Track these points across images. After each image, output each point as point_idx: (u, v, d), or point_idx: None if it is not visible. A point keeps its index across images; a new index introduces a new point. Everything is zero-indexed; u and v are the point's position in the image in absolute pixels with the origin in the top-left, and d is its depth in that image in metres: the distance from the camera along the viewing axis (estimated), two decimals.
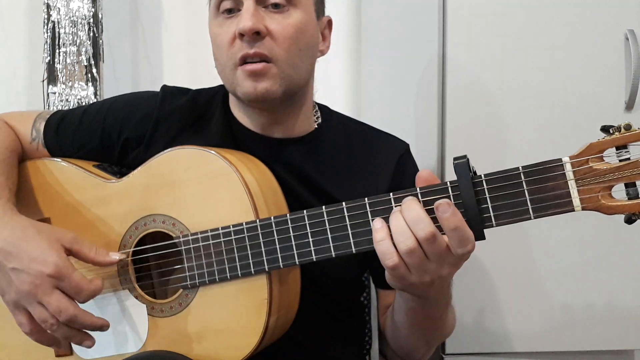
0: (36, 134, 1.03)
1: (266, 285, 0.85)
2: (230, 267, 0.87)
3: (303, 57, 0.94)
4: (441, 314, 0.90)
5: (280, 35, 0.91)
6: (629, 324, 1.29)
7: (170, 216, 0.91)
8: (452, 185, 0.76)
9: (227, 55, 0.92)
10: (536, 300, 1.28)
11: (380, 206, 0.79)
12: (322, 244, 0.82)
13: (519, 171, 0.73)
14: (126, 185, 0.94)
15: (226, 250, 0.87)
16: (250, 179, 0.88)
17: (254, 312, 0.86)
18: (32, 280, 0.81)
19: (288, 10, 0.92)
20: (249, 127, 1.01)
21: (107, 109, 1.04)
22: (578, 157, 0.72)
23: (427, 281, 0.77)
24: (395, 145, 1.05)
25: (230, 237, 0.86)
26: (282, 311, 0.90)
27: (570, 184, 0.71)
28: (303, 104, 1.01)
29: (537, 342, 1.29)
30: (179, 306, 0.90)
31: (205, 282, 0.88)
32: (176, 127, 1.01)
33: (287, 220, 0.84)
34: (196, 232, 0.88)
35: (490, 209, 0.74)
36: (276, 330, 0.90)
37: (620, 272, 1.28)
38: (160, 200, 0.91)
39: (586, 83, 1.25)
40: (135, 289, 0.93)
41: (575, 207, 0.72)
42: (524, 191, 0.73)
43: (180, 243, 0.89)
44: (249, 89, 0.91)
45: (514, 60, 1.25)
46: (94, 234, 0.95)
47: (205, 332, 0.89)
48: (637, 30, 1.23)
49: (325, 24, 1.02)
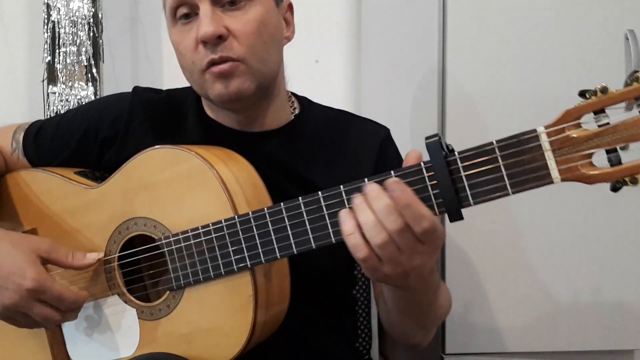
0: (16, 145, 1.03)
1: (250, 282, 0.84)
2: (213, 266, 0.85)
3: (269, 49, 0.92)
4: (430, 299, 0.87)
5: (242, 34, 0.88)
6: (628, 324, 1.27)
7: (150, 218, 0.90)
8: (425, 165, 0.73)
9: (192, 62, 0.91)
10: (536, 300, 1.27)
11: (356, 193, 0.76)
12: (301, 236, 0.80)
13: (493, 145, 0.70)
14: (105, 190, 0.93)
15: (207, 249, 0.85)
16: (227, 174, 0.87)
17: (240, 310, 0.84)
18: (12, 296, 0.82)
19: (245, 6, 0.89)
20: (225, 124, 0.99)
21: (82, 113, 1.04)
22: (554, 126, 0.68)
23: (399, 272, 0.73)
24: (376, 131, 1.02)
25: (210, 236, 0.85)
26: (272, 307, 0.88)
27: (547, 155, 0.68)
28: (276, 95, 0.99)
29: (537, 342, 1.28)
30: (167, 308, 0.89)
31: (190, 282, 0.87)
32: (148, 124, 1.00)
33: (265, 214, 0.82)
34: (177, 232, 0.87)
35: (467, 187, 0.71)
36: (267, 326, 0.88)
37: (620, 271, 1.26)
38: (140, 203, 0.90)
39: (586, 83, 1.22)
40: (123, 293, 0.92)
41: (554, 179, 0.68)
42: (500, 167, 0.70)
43: (163, 245, 0.88)
44: (221, 90, 0.89)
45: (514, 60, 1.24)
46: (78, 242, 0.94)
47: (195, 333, 0.88)
48: (637, 30, 1.20)
49: (286, 8, 0.99)
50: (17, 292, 0.82)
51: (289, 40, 0.99)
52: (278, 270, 0.88)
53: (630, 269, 1.26)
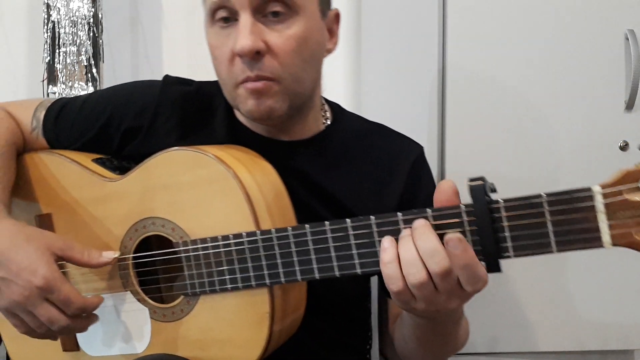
0: (36, 124, 0.99)
1: (268, 300, 0.81)
2: (230, 279, 0.82)
3: (307, 68, 0.86)
4: (451, 330, 0.85)
5: (281, 51, 0.82)
6: (628, 324, 1.28)
7: (169, 220, 0.86)
8: (466, 209, 0.68)
9: (227, 74, 0.86)
10: (536, 300, 1.26)
11: (388, 227, 0.72)
12: (325, 262, 0.76)
13: (542, 199, 0.65)
14: (125, 185, 0.90)
15: (226, 260, 0.82)
16: (250, 183, 0.82)
17: (255, 325, 0.82)
18: (21, 291, 0.79)
19: (289, 19, 0.83)
20: (253, 129, 0.95)
21: (107, 98, 0.99)
22: (611, 187, 0.63)
23: (432, 310, 0.71)
24: (409, 148, 0.97)
25: (230, 248, 0.81)
26: (287, 318, 0.86)
27: (600, 217, 0.63)
28: (311, 108, 0.94)
29: (537, 342, 1.28)
30: (180, 312, 0.87)
31: (206, 291, 0.84)
32: (176, 118, 0.96)
33: (288, 235, 0.78)
34: (196, 239, 0.84)
35: (508, 238, 0.67)
36: (281, 337, 0.86)
37: (620, 271, 1.26)
38: (159, 203, 0.87)
39: (586, 83, 1.24)
40: (137, 292, 0.90)
41: (605, 244, 0.63)
42: (547, 222, 0.65)
43: (181, 251, 0.85)
44: (252, 107, 0.85)
45: (514, 60, 1.23)
46: (93, 234, 0.91)
47: (207, 341, 0.86)
48: (637, 30, 1.21)
49: (333, 18, 0.92)
50: (26, 289, 0.79)
51: (329, 52, 0.93)
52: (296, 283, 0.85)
53: (630, 269, 1.26)
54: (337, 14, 0.93)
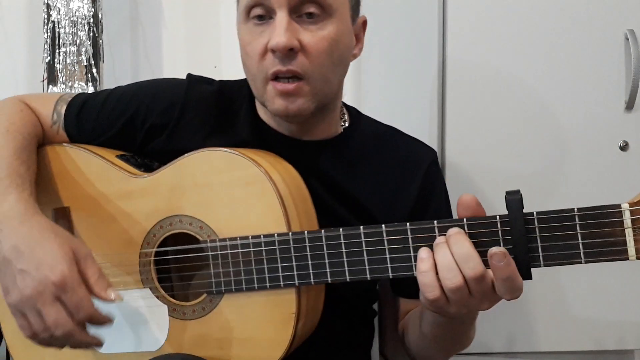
0: (57, 118, 0.98)
1: (295, 299, 0.83)
2: (258, 278, 0.84)
3: (335, 70, 0.90)
4: (466, 328, 0.90)
5: (314, 50, 0.86)
6: (628, 324, 1.29)
7: (197, 219, 0.87)
8: (501, 220, 0.73)
9: (257, 68, 0.88)
10: (536, 301, 1.27)
11: (423, 233, 0.76)
12: (357, 265, 0.80)
13: (574, 213, 0.70)
14: (152, 182, 0.90)
15: (255, 260, 0.84)
16: (284, 187, 0.85)
17: (280, 325, 0.84)
18: (35, 285, 0.76)
19: (323, 21, 0.87)
20: (276, 129, 0.97)
21: (131, 94, 0.99)
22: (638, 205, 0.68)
23: (464, 312, 0.76)
24: (424, 152, 1.01)
25: (260, 248, 0.83)
26: (309, 319, 0.88)
27: (627, 231, 0.69)
28: (333, 110, 0.98)
29: (537, 342, 1.29)
30: (202, 310, 0.88)
31: (232, 289, 0.85)
32: (200, 117, 0.97)
33: (321, 237, 0.81)
34: (225, 238, 0.85)
35: (540, 248, 0.72)
36: (302, 337, 0.88)
37: (620, 271, 1.26)
38: (189, 201, 0.88)
39: (586, 83, 1.24)
40: (157, 289, 0.90)
41: (630, 257, 0.69)
42: (577, 234, 0.70)
43: (208, 248, 0.86)
44: (280, 107, 0.88)
45: (514, 60, 1.24)
46: (116, 228, 0.92)
47: (229, 340, 0.87)
48: (637, 30, 1.21)
49: (360, 25, 0.97)
50: (41, 283, 0.77)
51: (355, 57, 0.97)
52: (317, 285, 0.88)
53: (630, 269, 1.26)
54: (365, 21, 0.98)
